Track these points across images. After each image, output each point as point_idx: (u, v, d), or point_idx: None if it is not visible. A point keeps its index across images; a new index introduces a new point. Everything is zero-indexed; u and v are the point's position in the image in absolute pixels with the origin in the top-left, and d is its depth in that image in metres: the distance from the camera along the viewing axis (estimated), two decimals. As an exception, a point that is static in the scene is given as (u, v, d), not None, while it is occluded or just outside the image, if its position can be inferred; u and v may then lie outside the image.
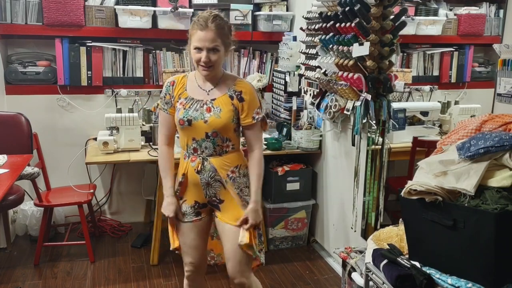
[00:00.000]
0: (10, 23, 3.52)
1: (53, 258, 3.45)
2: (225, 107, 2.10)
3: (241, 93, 2.12)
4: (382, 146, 2.76)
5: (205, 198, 2.20)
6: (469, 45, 3.32)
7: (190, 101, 2.13)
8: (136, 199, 4.06)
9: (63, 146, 3.82)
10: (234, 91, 2.13)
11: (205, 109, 2.10)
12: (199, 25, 2.01)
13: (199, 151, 2.14)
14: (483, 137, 1.73)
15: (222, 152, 2.15)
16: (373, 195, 2.82)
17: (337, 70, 2.84)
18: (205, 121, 2.09)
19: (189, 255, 2.30)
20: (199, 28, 2.01)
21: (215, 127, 2.09)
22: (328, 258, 3.50)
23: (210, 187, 2.17)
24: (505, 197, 1.59)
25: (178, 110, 2.14)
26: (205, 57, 2.01)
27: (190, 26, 2.09)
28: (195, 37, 2.03)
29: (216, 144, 2.12)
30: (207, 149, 2.13)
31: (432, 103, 3.28)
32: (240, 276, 2.22)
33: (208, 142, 2.12)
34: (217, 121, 2.09)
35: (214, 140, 2.12)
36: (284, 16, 3.96)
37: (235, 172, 2.18)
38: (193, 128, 2.11)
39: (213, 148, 2.13)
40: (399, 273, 1.72)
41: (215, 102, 2.11)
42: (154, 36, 3.80)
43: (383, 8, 2.55)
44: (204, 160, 2.14)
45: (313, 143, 3.51)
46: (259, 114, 2.15)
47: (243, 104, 2.12)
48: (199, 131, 2.11)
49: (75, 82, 3.71)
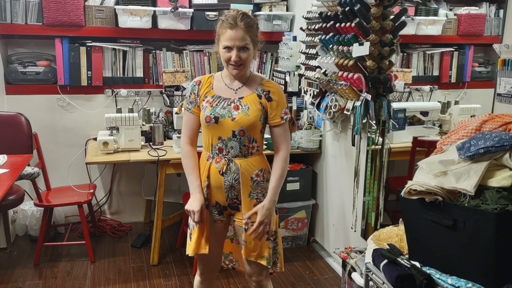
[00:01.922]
0: (10, 23, 3.53)
1: (53, 258, 3.45)
2: (253, 105, 2.08)
3: (269, 93, 2.11)
4: (382, 146, 2.76)
5: (226, 201, 2.15)
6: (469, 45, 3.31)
7: (217, 99, 2.09)
8: (136, 199, 4.07)
9: (63, 146, 3.82)
10: (262, 90, 2.11)
11: (232, 107, 2.07)
12: (228, 23, 1.99)
13: (225, 152, 2.10)
14: (483, 137, 1.73)
15: (248, 153, 2.11)
16: (373, 195, 2.82)
17: (337, 70, 2.84)
18: (233, 119, 2.05)
19: (206, 258, 2.24)
20: (229, 27, 1.99)
21: (242, 125, 2.06)
22: (328, 258, 3.50)
23: (233, 190, 2.12)
24: (505, 197, 1.59)
25: (204, 108, 2.10)
26: (235, 56, 2.00)
27: (218, 25, 2.05)
28: (225, 36, 2.00)
29: (242, 144, 2.08)
30: (233, 149, 2.09)
31: (432, 103, 3.28)
32: (258, 275, 2.21)
33: (234, 142, 2.08)
34: (245, 119, 2.05)
35: (241, 139, 2.08)
36: (284, 16, 3.96)
37: (260, 176, 2.13)
38: (219, 126, 2.07)
39: (239, 148, 2.09)
40: (399, 273, 1.72)
41: (243, 101, 2.08)
42: (154, 36, 3.80)
43: (383, 8, 2.55)
44: (229, 162, 2.09)
45: (313, 143, 3.51)
46: (287, 114, 2.13)
47: (271, 104, 2.10)
48: (226, 130, 2.07)
49: (75, 82, 3.71)
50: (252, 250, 2.14)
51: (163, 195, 3.30)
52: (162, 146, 3.51)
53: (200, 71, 4.01)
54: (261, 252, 2.14)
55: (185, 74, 3.87)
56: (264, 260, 2.14)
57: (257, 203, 2.12)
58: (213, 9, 3.79)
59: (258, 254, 2.14)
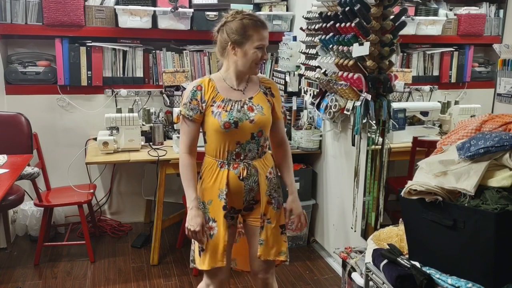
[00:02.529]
0: (10, 23, 3.53)
1: (53, 258, 3.45)
2: (265, 104, 2.09)
3: (271, 89, 2.14)
4: (382, 146, 2.76)
5: (243, 204, 2.12)
6: (469, 45, 3.31)
7: (228, 103, 2.03)
8: (136, 199, 4.06)
9: (63, 146, 3.82)
10: (265, 87, 2.13)
11: (246, 109, 2.04)
12: (261, 23, 2.00)
13: (242, 156, 2.06)
14: (483, 137, 1.73)
15: (262, 153, 2.11)
16: (373, 195, 2.82)
17: (337, 70, 2.84)
18: (251, 121, 2.03)
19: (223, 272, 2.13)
20: (262, 27, 2.00)
21: (261, 125, 2.05)
22: (328, 258, 3.50)
23: (251, 192, 2.10)
24: (505, 197, 1.59)
25: (217, 114, 2.00)
26: (266, 55, 2.03)
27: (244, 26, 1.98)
28: (259, 36, 1.98)
29: (259, 145, 2.08)
30: (250, 152, 2.06)
31: (432, 103, 3.28)
32: (265, 273, 2.20)
33: (252, 144, 2.06)
34: (263, 118, 2.05)
35: (258, 140, 2.07)
36: (284, 16, 3.96)
37: (272, 173, 2.15)
38: (239, 131, 2.02)
39: (256, 149, 2.07)
40: (399, 273, 1.72)
41: (254, 100, 2.07)
42: (154, 36, 3.80)
43: (383, 8, 2.55)
44: (248, 166, 2.06)
45: (313, 143, 3.51)
46: (283, 107, 2.21)
47: (274, 100, 2.13)
48: (244, 133, 2.03)
49: (75, 82, 3.71)
50: (271, 248, 2.12)
51: (163, 195, 3.30)
52: (162, 146, 3.51)
53: (200, 71, 4.01)
54: (279, 248, 2.14)
55: (185, 74, 3.87)
56: (283, 255, 2.15)
57: (270, 199, 2.13)
58: (213, 9, 3.79)
59: (276, 250, 2.14)
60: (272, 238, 2.12)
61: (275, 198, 2.16)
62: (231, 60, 2.04)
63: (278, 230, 2.15)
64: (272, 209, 2.14)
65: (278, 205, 2.16)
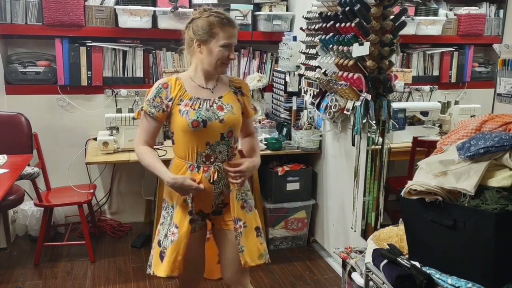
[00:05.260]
0: (10, 23, 3.52)
1: (53, 258, 3.45)
2: (235, 103, 2.05)
3: (241, 89, 2.12)
4: (382, 146, 2.76)
5: (211, 208, 2.08)
6: (469, 45, 3.32)
7: (196, 101, 1.98)
8: (136, 199, 4.06)
9: (63, 146, 3.82)
10: (235, 87, 2.10)
11: (216, 108, 1.99)
12: (228, 21, 1.95)
13: (212, 158, 2.00)
14: (483, 137, 1.73)
15: (232, 155, 2.06)
16: (373, 195, 2.82)
17: (337, 70, 2.84)
18: (220, 120, 1.98)
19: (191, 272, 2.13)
20: (229, 25, 1.94)
21: (231, 125, 2.01)
22: (328, 258, 3.50)
23: (221, 195, 2.06)
24: (505, 197, 1.59)
25: (185, 112, 1.96)
26: (233, 54, 1.98)
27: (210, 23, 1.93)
28: (224, 34, 1.93)
29: (229, 147, 2.03)
30: (221, 154, 2.01)
31: (432, 103, 3.29)
32: (237, 284, 2.13)
33: (222, 145, 2.01)
34: (233, 118, 2.01)
35: (228, 141, 2.02)
36: (284, 16, 3.96)
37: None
38: (207, 130, 1.96)
39: (226, 151, 2.02)
40: (399, 273, 1.72)
41: (224, 100, 2.03)
42: (154, 36, 3.80)
43: (383, 8, 2.55)
44: (219, 168, 2.01)
45: (313, 143, 3.51)
46: (252, 104, 2.20)
47: (244, 99, 2.12)
48: (213, 133, 1.98)
49: (75, 82, 3.71)
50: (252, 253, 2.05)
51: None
52: (162, 146, 3.50)
53: (200, 71, 4.00)
54: (258, 251, 2.08)
55: (185, 74, 3.87)
56: (263, 258, 2.09)
57: (243, 203, 2.08)
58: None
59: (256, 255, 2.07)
60: (251, 242, 2.06)
61: (247, 201, 2.10)
62: (198, 58, 2.00)
63: (254, 233, 2.09)
64: (245, 213, 2.08)
65: (250, 208, 2.11)
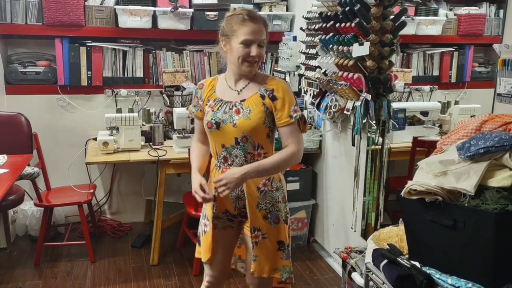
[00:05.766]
0: (10, 23, 3.53)
1: (53, 258, 3.45)
2: (256, 107, 1.91)
3: (273, 91, 1.92)
4: (382, 146, 2.76)
5: (235, 210, 2.06)
6: (469, 45, 3.31)
7: (218, 103, 1.97)
8: (136, 199, 4.06)
9: (63, 146, 3.82)
10: (266, 89, 1.93)
11: (234, 111, 1.93)
12: (248, 17, 1.85)
13: (230, 161, 1.97)
14: (483, 137, 1.73)
15: (252, 161, 1.95)
16: (373, 195, 2.82)
17: (337, 70, 2.84)
18: (234, 125, 1.91)
19: (213, 268, 2.15)
20: (250, 20, 1.84)
21: (244, 131, 1.91)
22: (328, 258, 3.50)
23: (240, 200, 2.02)
24: (505, 197, 1.59)
25: (206, 113, 1.98)
26: (255, 51, 1.85)
27: (229, 21, 1.89)
28: (245, 29, 1.84)
29: (246, 152, 1.94)
30: (237, 158, 1.95)
31: (432, 103, 3.28)
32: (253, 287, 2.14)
33: (238, 150, 1.94)
34: (246, 123, 1.90)
35: (244, 146, 1.93)
36: (284, 16, 3.96)
37: (267, 185, 2.00)
38: (221, 133, 1.94)
39: (243, 156, 1.94)
40: (399, 273, 1.72)
41: (245, 103, 1.93)
42: (154, 36, 3.80)
43: (383, 8, 2.55)
44: None
45: (313, 143, 3.51)
46: (296, 112, 1.92)
47: (275, 103, 1.92)
48: (228, 137, 1.93)
49: (75, 82, 3.71)
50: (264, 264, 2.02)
51: (163, 195, 3.30)
52: (162, 146, 3.51)
53: (200, 71, 4.01)
54: (274, 264, 2.04)
55: (185, 74, 3.87)
56: (278, 272, 2.04)
57: (266, 214, 2.01)
58: (213, 9, 3.79)
59: (271, 268, 2.04)
60: (267, 254, 2.02)
61: (272, 212, 2.02)
62: (228, 58, 1.97)
63: (275, 246, 2.04)
64: (267, 224, 2.02)
65: (275, 220, 2.03)
